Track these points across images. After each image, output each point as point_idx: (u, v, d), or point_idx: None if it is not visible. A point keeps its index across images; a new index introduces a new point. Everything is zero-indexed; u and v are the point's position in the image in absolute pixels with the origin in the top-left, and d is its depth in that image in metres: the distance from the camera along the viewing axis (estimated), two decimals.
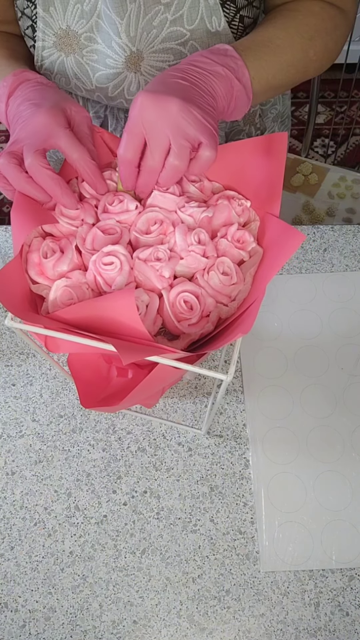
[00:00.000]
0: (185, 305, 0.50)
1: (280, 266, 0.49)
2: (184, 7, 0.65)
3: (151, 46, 0.68)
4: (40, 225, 0.52)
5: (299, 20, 0.63)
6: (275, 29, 0.62)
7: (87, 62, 0.71)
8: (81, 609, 0.66)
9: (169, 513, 0.71)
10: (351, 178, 1.39)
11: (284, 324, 0.84)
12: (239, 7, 0.67)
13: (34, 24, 0.69)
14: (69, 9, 0.66)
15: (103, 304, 0.45)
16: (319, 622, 0.65)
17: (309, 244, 0.92)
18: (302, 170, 1.40)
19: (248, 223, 0.57)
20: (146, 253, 0.51)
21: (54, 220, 0.53)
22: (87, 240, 0.52)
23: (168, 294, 0.50)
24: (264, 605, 0.66)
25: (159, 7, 0.65)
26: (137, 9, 0.64)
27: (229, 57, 0.56)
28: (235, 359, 0.48)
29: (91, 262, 0.50)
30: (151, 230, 0.53)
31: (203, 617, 0.66)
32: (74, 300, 0.49)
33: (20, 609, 0.66)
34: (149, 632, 0.65)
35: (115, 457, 0.75)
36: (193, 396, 0.79)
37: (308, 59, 0.64)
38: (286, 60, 0.62)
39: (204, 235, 0.53)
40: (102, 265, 0.49)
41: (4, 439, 0.76)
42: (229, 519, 0.71)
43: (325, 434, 0.76)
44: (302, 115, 2.16)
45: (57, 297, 0.49)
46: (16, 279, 0.51)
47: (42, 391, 0.79)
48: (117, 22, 0.65)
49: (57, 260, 0.51)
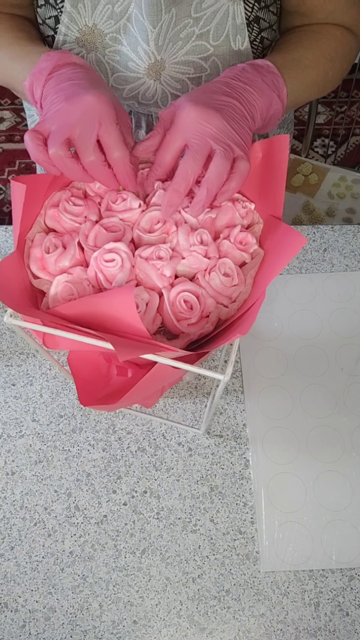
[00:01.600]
0: (185, 305, 0.50)
1: (281, 269, 0.49)
2: (212, 23, 0.67)
3: (174, 57, 0.69)
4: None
5: (323, 43, 0.67)
6: (304, 49, 0.66)
7: (108, 61, 0.71)
8: (81, 609, 0.66)
9: (169, 513, 0.71)
10: (351, 178, 1.39)
11: (284, 324, 0.84)
12: (262, 29, 0.69)
13: (58, 16, 0.68)
14: (98, 8, 0.66)
15: (102, 301, 0.45)
16: (319, 622, 0.65)
17: (309, 244, 0.92)
18: (302, 171, 1.40)
19: (252, 225, 0.57)
20: (148, 251, 0.51)
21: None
22: (90, 237, 0.52)
23: (168, 293, 0.50)
24: (264, 605, 0.66)
25: (188, 20, 0.66)
26: (170, 19, 0.65)
27: (272, 73, 0.59)
28: (233, 359, 0.48)
29: (92, 258, 0.50)
30: (154, 229, 0.53)
31: (203, 617, 0.66)
32: (74, 296, 0.49)
33: (20, 609, 0.66)
34: (149, 632, 0.65)
35: (115, 457, 0.75)
36: (193, 396, 0.79)
37: (327, 79, 0.69)
38: (312, 80, 0.66)
39: (206, 235, 0.53)
40: (103, 261, 0.49)
41: (4, 439, 0.76)
42: (229, 519, 0.71)
43: (325, 434, 0.76)
44: (302, 115, 2.16)
45: (58, 293, 0.50)
46: (15, 273, 0.51)
47: (42, 391, 0.79)
48: (149, 30, 0.65)
49: (59, 256, 0.51)
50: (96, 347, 0.48)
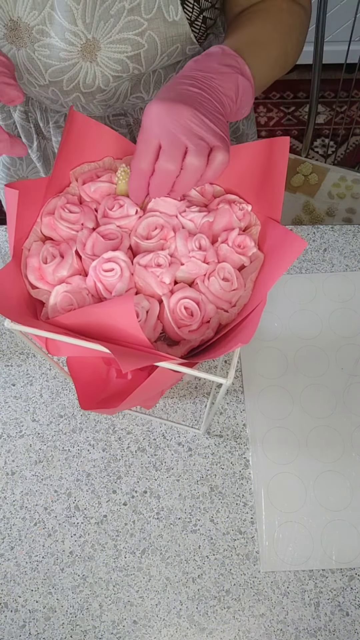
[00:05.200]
0: (185, 312, 0.50)
1: (281, 273, 0.49)
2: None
3: (108, 36, 0.67)
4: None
5: (273, 18, 0.66)
6: (255, 27, 0.64)
7: (39, 57, 0.69)
8: (81, 609, 0.66)
9: (169, 513, 0.71)
10: (351, 178, 1.39)
11: (284, 324, 0.84)
12: (203, 9, 0.67)
13: None
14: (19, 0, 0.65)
15: (102, 310, 0.45)
16: (319, 622, 0.65)
17: (309, 244, 0.92)
18: (302, 171, 1.40)
19: (249, 227, 0.57)
20: (147, 259, 0.51)
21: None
22: (87, 246, 0.52)
23: (168, 300, 0.50)
24: (264, 605, 0.66)
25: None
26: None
27: (228, 55, 0.56)
28: (234, 363, 0.48)
29: (91, 268, 0.50)
30: (152, 235, 0.53)
31: (203, 617, 0.66)
32: (73, 306, 0.49)
33: (20, 609, 0.66)
34: (149, 632, 0.65)
35: (115, 457, 0.75)
36: (193, 396, 0.79)
37: (287, 54, 0.67)
38: (271, 55, 0.64)
39: (204, 240, 0.52)
40: (102, 271, 0.49)
41: (4, 439, 0.76)
42: (229, 519, 0.71)
43: (325, 434, 0.76)
44: (302, 115, 2.16)
45: (57, 303, 0.49)
46: (13, 283, 0.50)
47: (42, 391, 0.79)
48: (73, 8, 0.64)
49: (57, 266, 0.50)
50: (99, 353, 0.47)
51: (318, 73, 1.30)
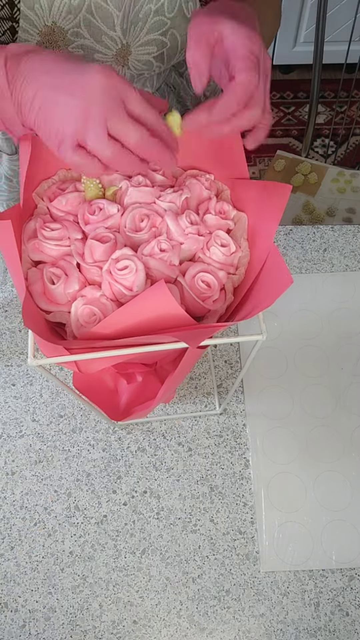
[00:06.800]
0: (203, 284, 0.51)
1: (277, 220, 0.50)
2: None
3: (137, 39, 0.68)
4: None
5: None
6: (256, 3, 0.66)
7: None
8: (81, 609, 0.66)
9: (169, 513, 0.71)
10: (349, 172, 1.39)
11: (284, 324, 0.84)
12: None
13: (14, 26, 0.66)
14: (55, 5, 0.64)
15: (140, 305, 0.44)
16: (319, 622, 0.65)
17: (309, 244, 0.92)
18: (301, 170, 1.40)
19: (219, 193, 0.58)
20: (149, 248, 0.51)
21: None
22: (86, 255, 0.51)
23: (184, 279, 0.51)
24: (264, 605, 0.66)
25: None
26: (130, 0, 0.64)
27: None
28: (262, 319, 0.49)
29: (104, 272, 0.49)
30: (141, 227, 0.53)
31: (203, 617, 0.66)
32: (97, 316, 0.48)
33: (20, 609, 0.66)
34: (149, 632, 0.65)
35: (115, 457, 0.75)
36: (193, 396, 0.79)
37: (278, 16, 0.72)
38: (269, 15, 0.68)
39: (194, 216, 0.54)
40: (117, 271, 0.48)
41: (4, 439, 0.76)
42: (229, 519, 0.71)
43: (325, 434, 0.76)
44: (302, 115, 2.16)
45: (79, 318, 0.49)
46: (35, 313, 0.49)
47: (42, 391, 0.79)
48: (115, 15, 0.64)
49: (65, 283, 0.50)
50: (132, 356, 0.48)
51: (318, 73, 1.30)
